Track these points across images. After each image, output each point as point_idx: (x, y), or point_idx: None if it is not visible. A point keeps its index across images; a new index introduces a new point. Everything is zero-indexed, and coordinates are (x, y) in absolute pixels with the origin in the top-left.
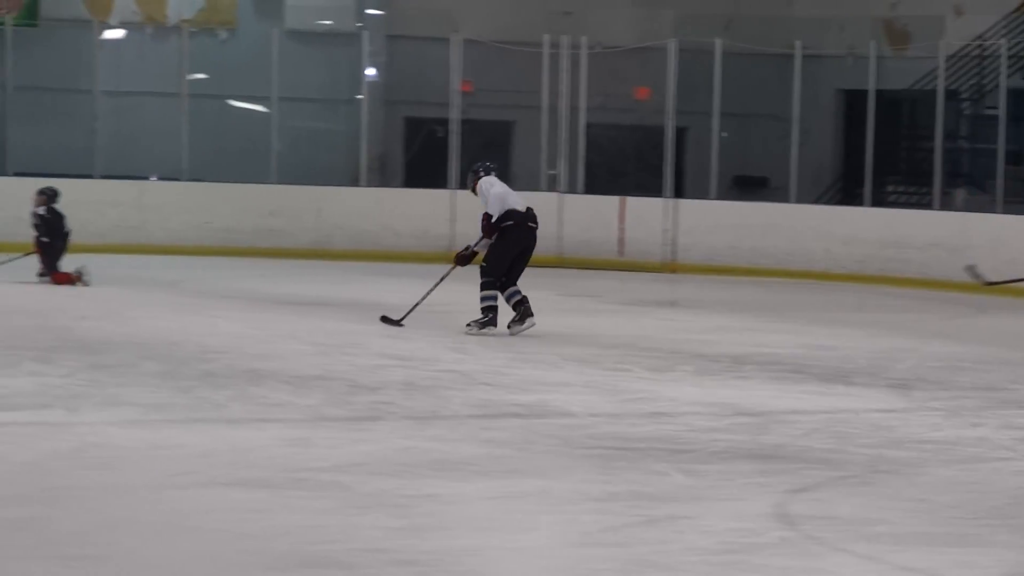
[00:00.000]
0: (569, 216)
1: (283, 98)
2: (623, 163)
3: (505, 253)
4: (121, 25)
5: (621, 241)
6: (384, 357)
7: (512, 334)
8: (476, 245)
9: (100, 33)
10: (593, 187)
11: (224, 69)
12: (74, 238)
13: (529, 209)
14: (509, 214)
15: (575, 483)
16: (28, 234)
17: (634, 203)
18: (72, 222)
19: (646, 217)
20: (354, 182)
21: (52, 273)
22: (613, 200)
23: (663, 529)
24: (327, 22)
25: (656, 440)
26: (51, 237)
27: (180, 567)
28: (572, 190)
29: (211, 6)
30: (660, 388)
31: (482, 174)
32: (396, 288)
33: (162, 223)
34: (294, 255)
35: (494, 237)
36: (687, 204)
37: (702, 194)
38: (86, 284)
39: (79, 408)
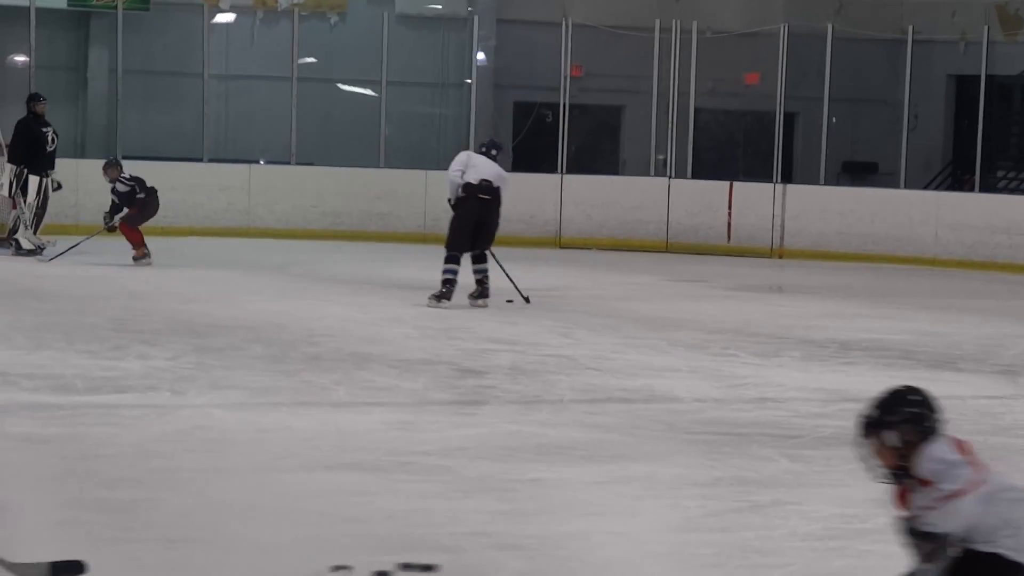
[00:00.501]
0: (677, 201)
1: (392, 82)
2: (732, 148)
3: (461, 227)
4: (232, 9)
5: (729, 226)
6: (490, 341)
7: (430, 306)
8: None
9: (211, 17)
10: (702, 172)
11: (334, 53)
12: (184, 221)
13: (483, 181)
14: (464, 187)
15: (680, 468)
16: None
17: (742, 188)
18: (182, 205)
19: (754, 202)
20: None
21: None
22: (722, 185)
23: (767, 515)
24: (437, 6)
25: (762, 425)
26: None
27: (285, 550)
28: (681, 175)
29: None
30: (766, 373)
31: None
32: (503, 272)
33: (270, 207)
34: (401, 239)
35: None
36: (796, 189)
37: (811, 179)
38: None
39: (186, 391)
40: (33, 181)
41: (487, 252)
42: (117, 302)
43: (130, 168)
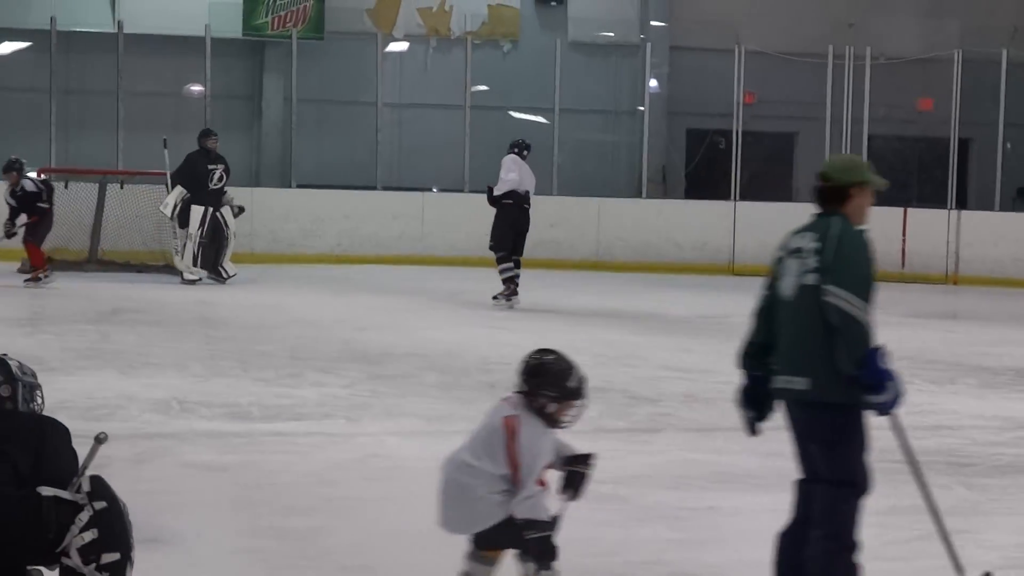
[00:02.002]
0: None
1: (565, 110)
2: (906, 175)
3: (507, 231)
4: (405, 38)
5: (903, 253)
6: (664, 368)
7: (494, 305)
8: None
9: (384, 46)
10: (875, 199)
11: (506, 81)
12: (358, 249)
13: (527, 192)
14: (510, 193)
15: None
16: (314, 245)
17: (916, 215)
18: (355, 234)
19: (928, 229)
20: (635, 193)
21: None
22: (895, 212)
23: None
24: (610, 34)
25: (938, 453)
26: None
27: None
28: None
29: (495, 19)
30: (942, 401)
31: (517, 151)
32: (677, 300)
33: (444, 235)
34: (574, 266)
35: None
36: (970, 216)
37: (986, 205)
38: None
39: (360, 419)
40: (196, 212)
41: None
42: (291, 330)
43: (305, 197)
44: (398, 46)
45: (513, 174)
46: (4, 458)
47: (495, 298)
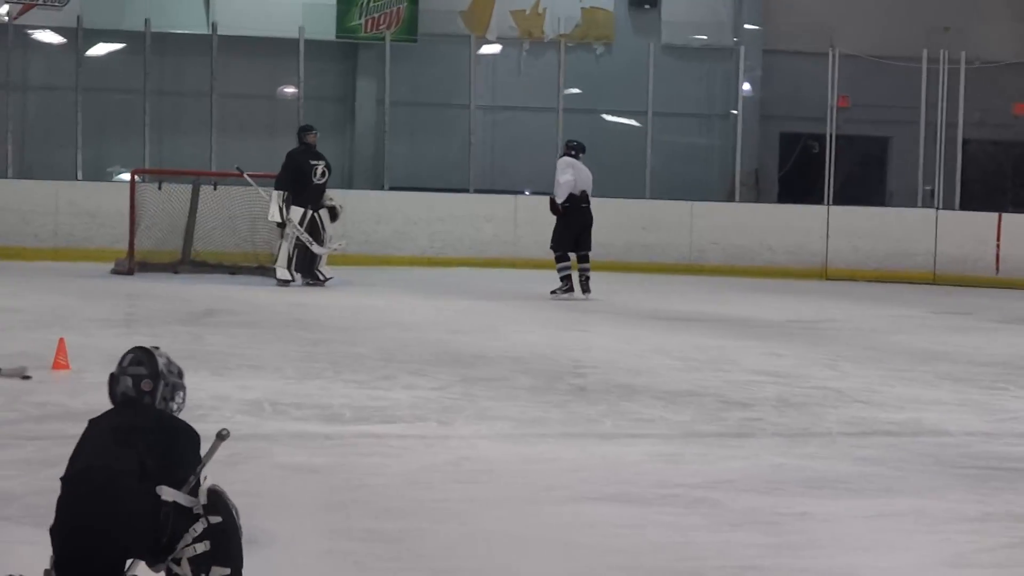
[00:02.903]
0: (944, 233)
1: (658, 113)
2: (1001, 179)
3: (567, 233)
4: (498, 40)
5: (998, 258)
6: (756, 373)
7: (558, 299)
8: None
9: (477, 48)
10: (970, 203)
11: (599, 83)
12: (451, 252)
13: (583, 192)
14: (570, 197)
15: (949, 503)
16: (407, 247)
17: (1012, 220)
18: (448, 236)
19: None
20: (728, 197)
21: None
22: (990, 217)
23: None
24: (703, 37)
25: None
26: None
27: None
28: (948, 206)
29: (588, 21)
30: None
31: (572, 154)
32: (769, 304)
33: (536, 237)
34: (667, 270)
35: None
36: None
37: None
38: None
39: (453, 422)
40: (296, 212)
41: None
42: (384, 332)
43: (399, 199)
44: (491, 48)
45: (568, 176)
46: (132, 449)
47: (552, 293)
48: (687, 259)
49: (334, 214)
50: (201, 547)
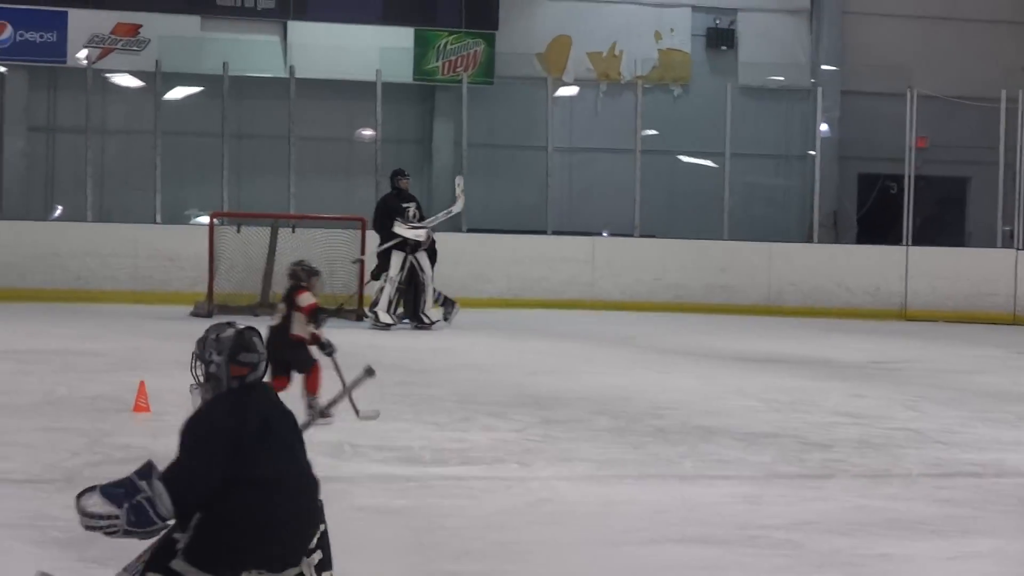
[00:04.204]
0: None
1: (735, 154)
2: None
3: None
4: (575, 82)
5: None
6: (836, 414)
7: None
8: None
9: (554, 90)
10: None
11: (676, 125)
12: (529, 293)
13: None
14: None
15: None
16: (484, 289)
17: None
18: (526, 278)
19: None
20: (807, 238)
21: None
22: None
23: None
24: (780, 78)
25: None
26: None
27: None
28: None
29: (665, 63)
30: None
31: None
32: (848, 345)
33: (614, 279)
34: (745, 311)
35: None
36: None
37: None
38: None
39: (532, 463)
40: (396, 257)
41: None
42: (462, 374)
43: (474, 240)
44: (568, 90)
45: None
46: (302, 446)
47: (446, 320)
48: (765, 300)
49: (432, 252)
50: (317, 556)
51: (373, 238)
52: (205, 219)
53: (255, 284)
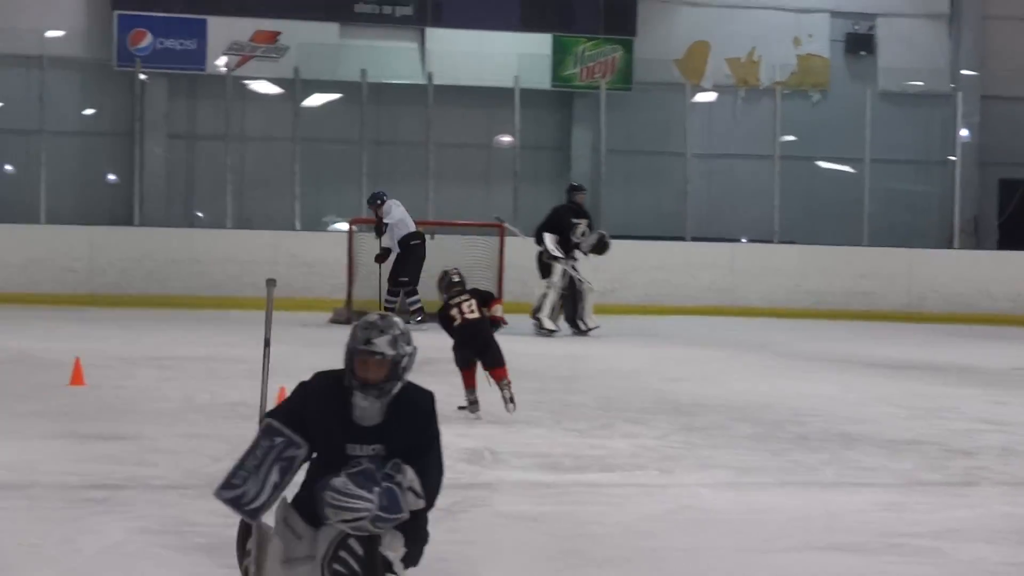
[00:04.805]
0: None
1: (875, 160)
2: None
3: (418, 263)
4: (713, 88)
5: None
6: (979, 421)
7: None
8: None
9: (692, 96)
10: None
11: (815, 130)
12: (668, 300)
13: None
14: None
15: None
16: (623, 295)
17: None
18: (665, 284)
19: None
20: (947, 244)
21: None
22: None
23: None
24: (920, 83)
25: None
26: None
27: None
28: None
29: (804, 68)
30: None
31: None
32: (991, 351)
33: (753, 285)
34: (885, 317)
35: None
36: None
37: None
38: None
39: (673, 470)
40: (557, 265)
41: None
42: (603, 381)
43: (613, 246)
44: (706, 96)
45: (399, 212)
46: None
47: (417, 321)
48: (906, 307)
49: (602, 245)
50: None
51: (511, 243)
52: (344, 225)
53: None
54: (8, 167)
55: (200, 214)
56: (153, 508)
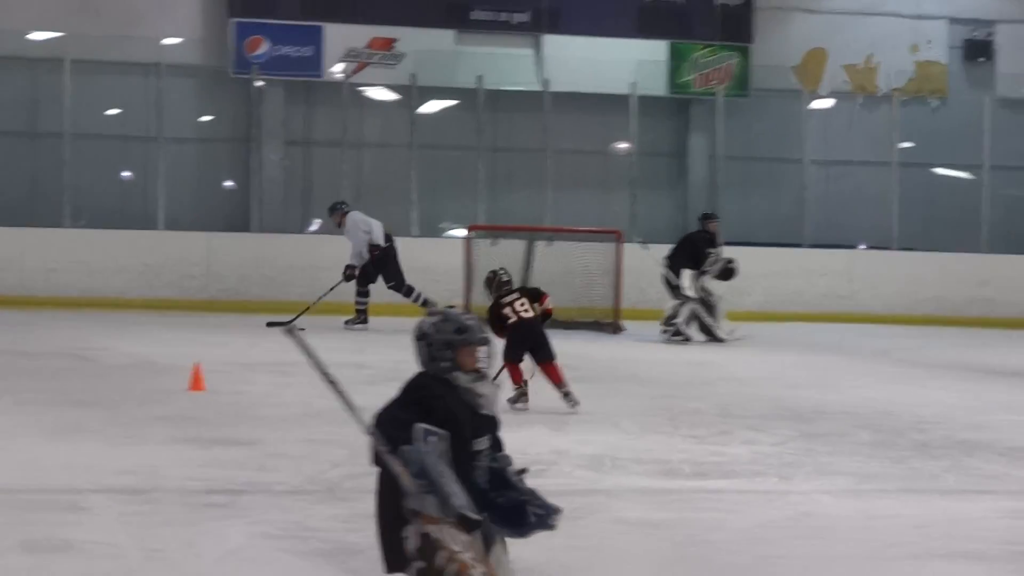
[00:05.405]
0: None
1: (994, 166)
2: None
3: (395, 264)
4: (830, 95)
5: None
6: None
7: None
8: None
9: (809, 103)
10: None
11: (933, 137)
12: (786, 307)
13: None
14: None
15: None
16: (741, 302)
17: None
18: (782, 291)
19: None
20: None
21: None
22: None
23: None
24: None
25: None
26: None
27: None
28: None
29: (922, 75)
30: None
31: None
32: None
33: (872, 292)
34: (1006, 325)
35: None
36: None
37: None
38: None
39: (792, 477)
40: (685, 275)
41: None
42: (722, 387)
43: (729, 253)
44: (823, 103)
45: (369, 226)
46: None
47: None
48: None
49: (729, 272)
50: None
51: (628, 251)
52: (461, 232)
53: None
54: (126, 174)
55: (318, 221)
56: (274, 513)
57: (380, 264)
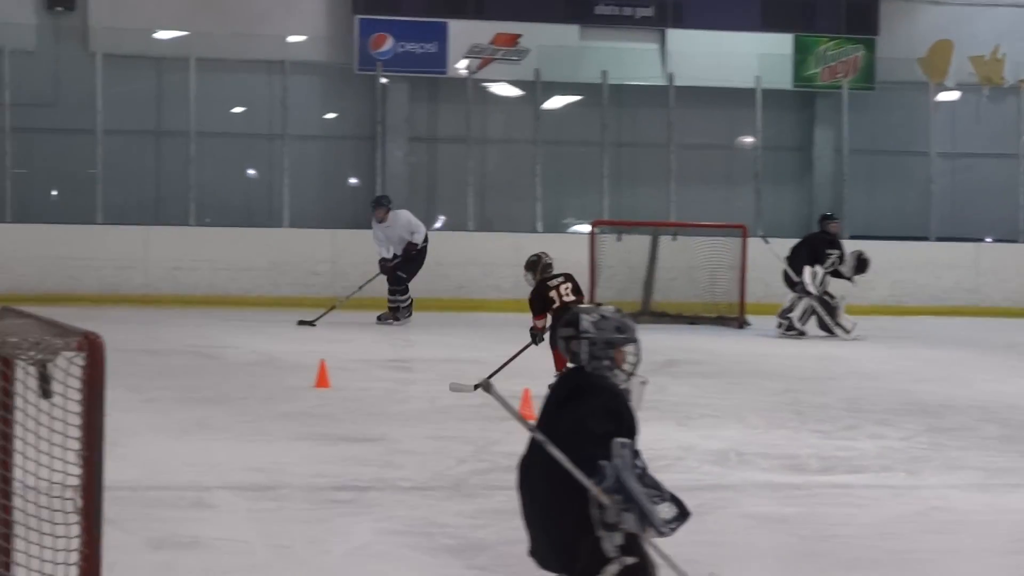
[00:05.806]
0: None
1: None
2: None
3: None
4: (957, 87)
5: None
6: None
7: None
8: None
9: (935, 95)
10: None
11: None
12: (913, 300)
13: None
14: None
15: None
16: (865, 296)
17: None
18: (910, 284)
19: None
20: None
21: None
22: None
23: None
24: None
25: None
26: None
27: None
28: None
29: None
30: None
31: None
32: None
33: (999, 284)
34: None
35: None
36: None
37: None
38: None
39: (920, 471)
40: (807, 271)
41: None
42: (849, 382)
43: (855, 247)
44: (950, 95)
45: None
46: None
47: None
48: None
49: (863, 263)
50: None
51: (753, 245)
52: (585, 227)
53: (636, 293)
54: (252, 171)
55: (442, 216)
56: (401, 509)
57: (409, 259)
